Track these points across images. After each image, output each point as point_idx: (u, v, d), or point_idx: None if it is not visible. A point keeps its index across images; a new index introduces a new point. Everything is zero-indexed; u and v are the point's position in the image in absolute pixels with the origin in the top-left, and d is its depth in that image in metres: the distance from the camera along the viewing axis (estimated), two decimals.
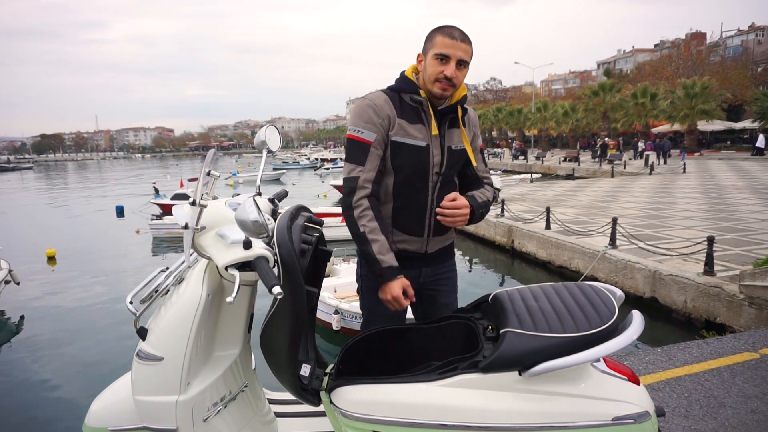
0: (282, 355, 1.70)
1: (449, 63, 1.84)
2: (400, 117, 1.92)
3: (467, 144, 2.05)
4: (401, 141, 1.91)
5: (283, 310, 1.65)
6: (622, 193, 16.77)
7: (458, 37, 1.85)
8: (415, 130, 1.93)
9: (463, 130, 2.05)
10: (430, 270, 2.12)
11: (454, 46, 1.84)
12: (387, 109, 1.91)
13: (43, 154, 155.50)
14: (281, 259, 1.62)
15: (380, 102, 1.92)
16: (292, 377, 1.73)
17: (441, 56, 1.84)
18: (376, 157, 1.90)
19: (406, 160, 1.93)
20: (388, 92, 1.98)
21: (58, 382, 6.68)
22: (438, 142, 1.96)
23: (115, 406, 1.90)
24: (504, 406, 1.56)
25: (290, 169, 49.05)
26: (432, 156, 1.95)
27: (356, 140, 1.90)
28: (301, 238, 1.75)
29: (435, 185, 1.99)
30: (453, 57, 1.84)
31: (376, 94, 1.97)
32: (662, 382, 3.28)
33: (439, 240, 2.08)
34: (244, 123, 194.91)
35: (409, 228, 2.01)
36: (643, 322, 1.57)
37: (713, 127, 37.67)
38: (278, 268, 1.64)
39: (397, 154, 1.93)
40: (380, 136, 1.90)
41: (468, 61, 1.89)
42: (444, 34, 1.85)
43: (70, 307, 9.85)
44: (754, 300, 6.00)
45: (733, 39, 63.08)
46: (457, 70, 1.87)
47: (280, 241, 1.63)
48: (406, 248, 2.04)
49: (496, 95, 74.85)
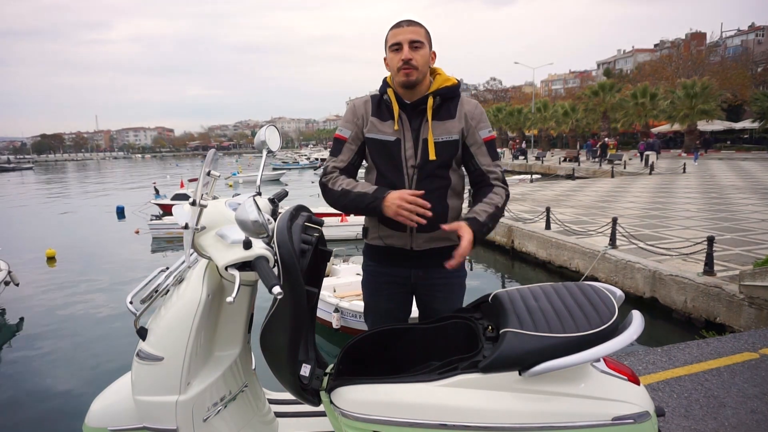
0: (282, 355, 1.70)
1: (402, 48, 1.93)
2: (374, 115, 2.06)
3: (430, 138, 1.98)
4: (373, 137, 2.05)
5: (283, 311, 1.65)
6: (622, 193, 16.76)
7: (404, 23, 1.97)
8: (386, 126, 2.03)
9: (448, 123, 2.00)
10: (422, 272, 2.08)
11: (401, 32, 1.94)
12: (362, 109, 2.08)
13: (43, 154, 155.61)
14: (281, 259, 1.62)
15: (359, 103, 2.12)
16: (292, 377, 1.73)
17: (394, 46, 1.95)
18: (348, 150, 2.08)
19: (379, 154, 2.05)
20: (372, 94, 2.13)
21: (58, 382, 6.68)
22: (411, 135, 2.01)
23: (115, 406, 1.90)
24: (504, 406, 1.56)
25: (290, 169, 49.07)
26: (404, 150, 2.01)
27: (336, 137, 2.13)
28: (301, 238, 1.75)
29: (411, 178, 2.00)
30: (403, 41, 1.93)
31: (362, 97, 2.16)
32: (662, 382, 3.28)
33: (426, 237, 2.02)
34: (244, 123, 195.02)
35: (391, 222, 1.99)
36: (643, 322, 1.56)
37: (713, 127, 37.69)
38: (278, 268, 1.64)
39: (372, 149, 2.07)
40: (354, 133, 2.08)
41: (421, 40, 1.95)
42: (392, 27, 1.99)
43: (70, 307, 9.85)
44: (754, 300, 6.00)
45: (733, 39, 63.10)
46: (413, 51, 1.93)
47: (280, 241, 1.63)
48: (392, 244, 2.07)
49: (496, 95, 74.85)
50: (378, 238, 2.09)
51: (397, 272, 2.10)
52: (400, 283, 2.12)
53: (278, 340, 1.69)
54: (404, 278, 2.10)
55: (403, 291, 2.14)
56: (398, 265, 2.08)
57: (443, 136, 2.00)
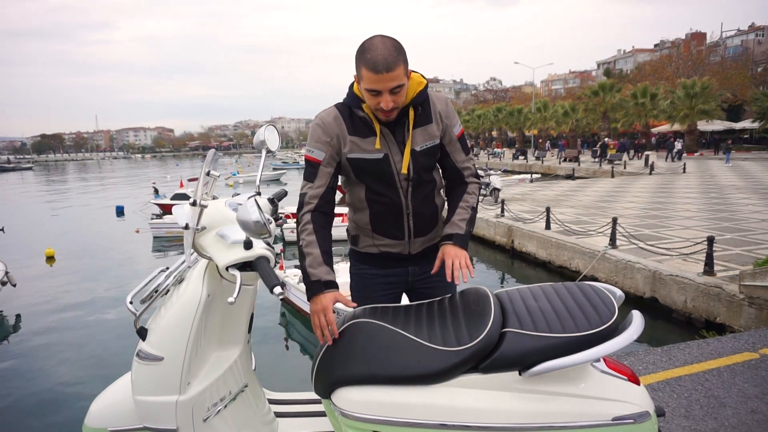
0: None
1: (382, 96, 1.75)
2: (352, 134, 1.89)
3: (408, 149, 1.92)
4: (357, 157, 1.90)
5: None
6: (622, 193, 16.77)
7: (382, 68, 1.69)
8: (369, 144, 1.90)
9: (428, 127, 1.94)
10: (419, 269, 2.08)
11: (381, 80, 1.71)
12: (335, 128, 1.90)
13: (43, 154, 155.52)
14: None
15: (329, 120, 1.92)
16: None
17: (372, 91, 1.75)
18: (325, 174, 1.92)
19: (369, 172, 1.93)
20: (340, 107, 1.94)
21: (57, 382, 6.69)
22: (397, 148, 1.91)
23: (115, 407, 1.90)
24: (504, 406, 1.56)
25: (290, 169, 49.06)
26: (394, 164, 1.91)
27: (308, 159, 1.95)
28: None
29: (407, 190, 1.95)
30: (384, 90, 1.73)
31: (327, 110, 1.95)
32: (662, 382, 3.28)
33: (423, 240, 2.04)
34: (244, 123, 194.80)
35: (389, 233, 1.99)
36: (643, 322, 1.56)
37: (713, 127, 37.70)
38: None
39: (358, 168, 1.93)
40: (329, 155, 1.91)
41: (402, 83, 1.75)
42: (368, 67, 1.71)
43: (70, 307, 9.85)
44: (754, 300, 6.00)
45: (733, 39, 63.12)
46: (393, 95, 1.76)
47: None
48: (389, 251, 2.03)
49: (496, 95, 74.92)
50: (372, 246, 2.05)
51: (392, 273, 2.08)
52: (396, 282, 2.10)
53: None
54: (402, 277, 2.08)
55: (398, 291, 2.13)
56: (395, 267, 2.06)
57: (428, 143, 1.95)
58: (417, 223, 1.98)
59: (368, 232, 2.03)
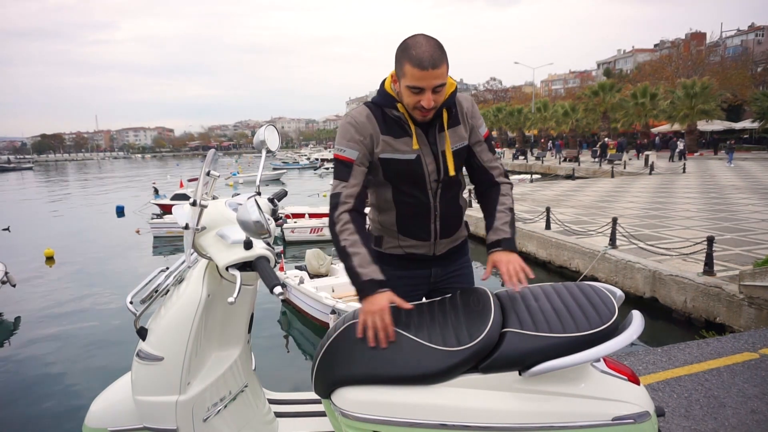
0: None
1: (424, 93, 1.73)
2: (385, 133, 1.87)
3: (449, 150, 1.93)
4: (390, 157, 1.88)
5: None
6: (622, 193, 16.77)
7: (428, 65, 1.68)
8: (402, 144, 1.88)
9: (458, 129, 1.95)
10: (441, 269, 2.09)
11: (426, 77, 1.69)
12: (369, 127, 1.87)
13: (43, 154, 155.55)
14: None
15: (361, 119, 1.88)
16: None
17: (414, 88, 1.73)
18: (359, 173, 1.87)
19: (399, 173, 1.91)
20: (371, 106, 1.92)
21: (57, 382, 6.68)
22: (429, 150, 1.91)
23: (115, 407, 1.90)
24: (504, 406, 1.56)
25: (290, 169, 49.08)
26: (425, 165, 1.90)
27: (340, 159, 1.89)
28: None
29: (436, 192, 1.95)
30: (427, 87, 1.72)
31: (359, 110, 1.92)
32: (662, 382, 3.28)
33: (447, 242, 2.05)
34: (244, 123, 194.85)
35: (415, 234, 1.99)
36: (643, 322, 1.57)
37: (713, 127, 37.70)
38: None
39: (389, 169, 1.91)
40: (362, 153, 1.87)
41: (445, 82, 1.76)
42: (413, 63, 1.69)
43: (69, 307, 9.85)
44: (754, 300, 6.00)
45: (732, 39, 63.08)
46: (435, 94, 1.75)
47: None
48: (414, 252, 2.03)
49: (496, 95, 74.86)
50: (397, 247, 2.04)
51: (415, 274, 2.06)
52: (418, 284, 2.09)
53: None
54: (424, 278, 2.07)
55: (421, 293, 2.11)
56: (418, 268, 2.05)
57: (458, 144, 1.96)
58: (443, 224, 1.99)
59: (394, 233, 2.01)
